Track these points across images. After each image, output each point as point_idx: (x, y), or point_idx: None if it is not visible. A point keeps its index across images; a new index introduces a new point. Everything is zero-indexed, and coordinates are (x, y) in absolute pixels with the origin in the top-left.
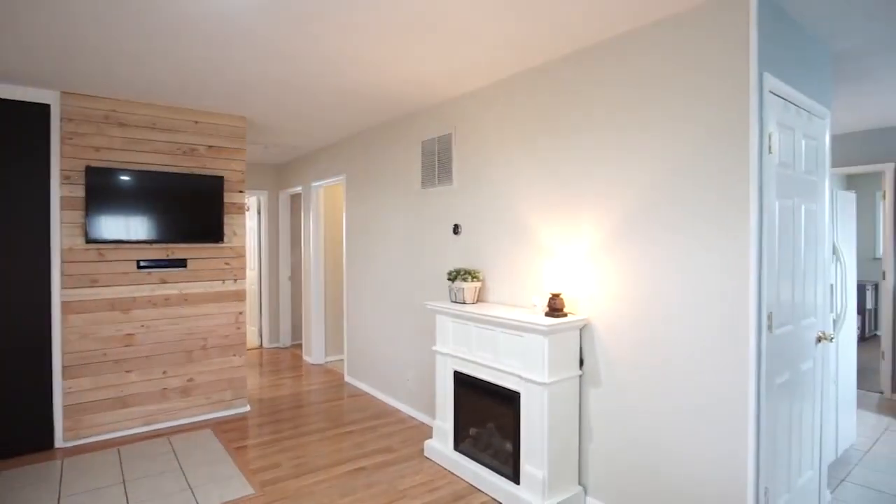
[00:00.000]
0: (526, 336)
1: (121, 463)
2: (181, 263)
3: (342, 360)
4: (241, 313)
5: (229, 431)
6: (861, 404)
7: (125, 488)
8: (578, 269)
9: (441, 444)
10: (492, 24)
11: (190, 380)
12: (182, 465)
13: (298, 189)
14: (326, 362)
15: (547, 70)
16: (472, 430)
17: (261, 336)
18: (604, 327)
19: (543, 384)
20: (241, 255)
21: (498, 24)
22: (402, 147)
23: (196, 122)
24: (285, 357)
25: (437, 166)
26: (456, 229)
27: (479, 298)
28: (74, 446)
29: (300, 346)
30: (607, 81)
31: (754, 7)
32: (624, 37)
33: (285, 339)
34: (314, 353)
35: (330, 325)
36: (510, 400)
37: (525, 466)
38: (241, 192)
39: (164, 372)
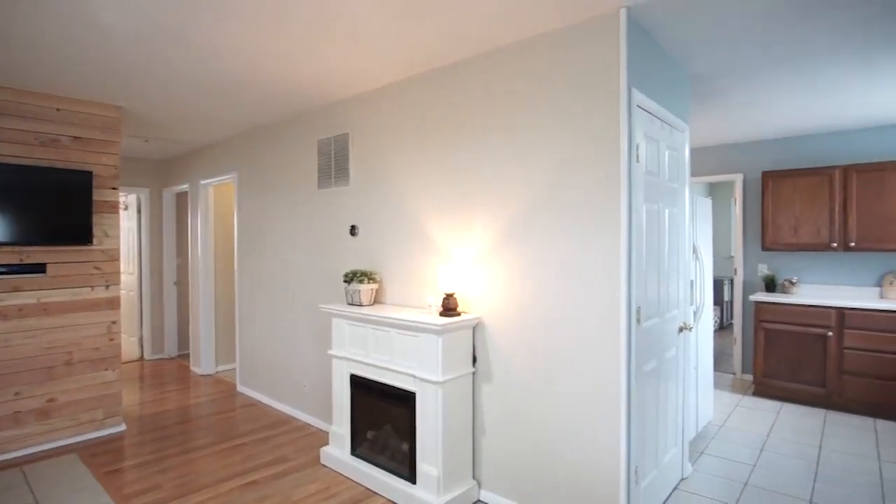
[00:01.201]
0: (421, 336)
1: None
2: (39, 269)
3: (234, 368)
4: (114, 323)
5: (100, 455)
6: (717, 385)
7: None
8: (472, 269)
9: (338, 449)
10: (389, 26)
11: (50, 400)
12: (38, 498)
13: (185, 187)
14: (217, 372)
15: (441, 74)
16: (370, 434)
17: (142, 347)
18: (495, 325)
19: (438, 383)
20: (114, 259)
21: (395, 26)
22: (297, 146)
23: (58, 110)
24: (171, 369)
25: (333, 166)
26: (353, 230)
27: (376, 300)
28: None
29: (188, 356)
30: (496, 90)
31: (623, 28)
32: (512, 47)
33: (171, 350)
34: (203, 362)
35: (221, 332)
36: (406, 400)
37: (421, 465)
38: (114, 188)
39: (17, 393)
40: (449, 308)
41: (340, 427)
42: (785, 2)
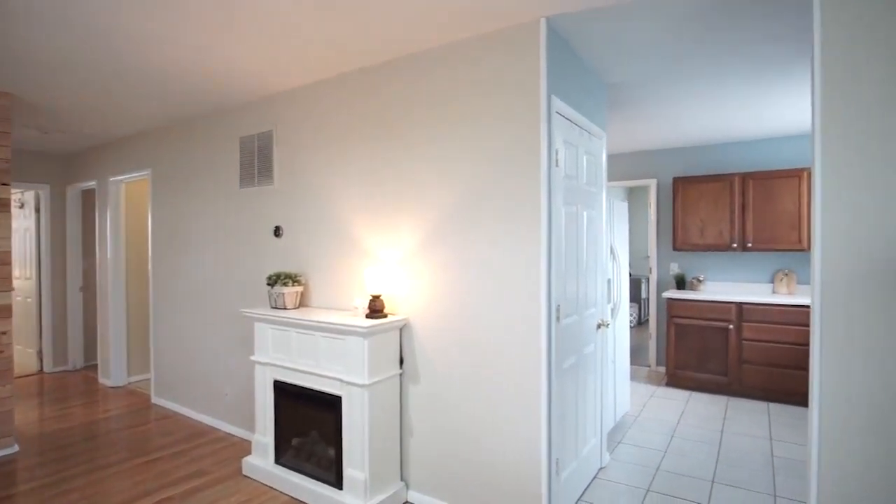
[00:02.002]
0: (346, 339)
1: None
2: None
3: (148, 379)
4: (4, 333)
5: None
6: (634, 377)
7: None
8: (398, 271)
9: (261, 459)
10: (312, 23)
11: None
12: None
13: (93, 184)
14: (129, 383)
15: (368, 74)
16: (295, 441)
17: (41, 359)
18: (422, 326)
19: (364, 386)
20: (5, 263)
21: (317, 23)
22: (218, 142)
23: None
24: (75, 381)
25: (256, 165)
26: (277, 232)
27: (301, 303)
28: None
29: (95, 367)
30: (422, 92)
31: (543, 37)
32: (438, 50)
33: (76, 361)
34: (113, 373)
35: (134, 340)
36: (332, 405)
37: (347, 470)
38: (5, 184)
39: None
40: (375, 310)
41: (264, 436)
42: (688, 22)
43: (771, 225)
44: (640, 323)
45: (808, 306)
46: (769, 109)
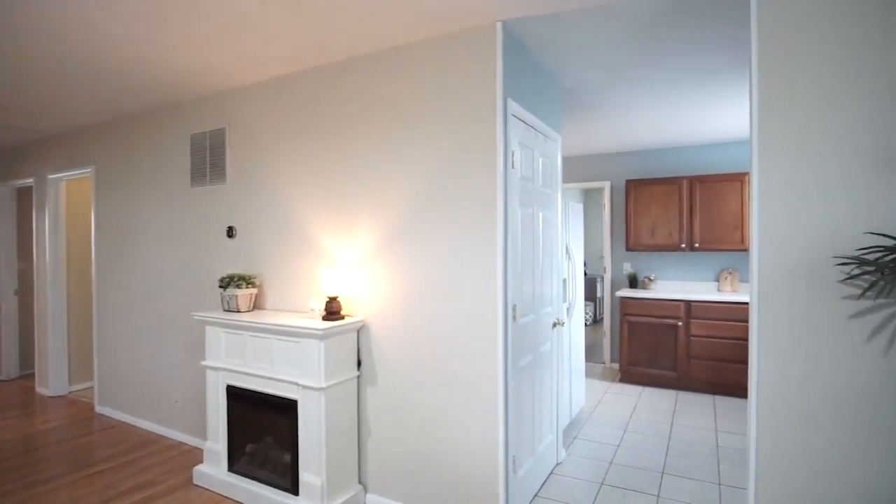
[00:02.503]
0: (302, 342)
1: None
2: None
3: (92, 387)
4: None
5: None
6: (590, 374)
7: None
8: (356, 272)
9: (213, 467)
10: (273, 18)
11: None
12: None
13: (29, 181)
14: (70, 392)
15: (326, 72)
16: (249, 447)
17: None
18: (380, 327)
19: (321, 389)
20: None
21: (278, 18)
22: (167, 139)
23: None
24: (10, 392)
25: (209, 163)
26: (230, 232)
27: (256, 305)
28: None
29: (32, 375)
30: (380, 91)
31: (499, 40)
32: (396, 50)
33: (10, 370)
34: (53, 382)
35: (75, 346)
36: (288, 409)
37: (304, 475)
38: None
39: None
40: (332, 312)
41: (216, 443)
42: (637, 31)
43: (716, 226)
44: (595, 321)
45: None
46: (714, 116)
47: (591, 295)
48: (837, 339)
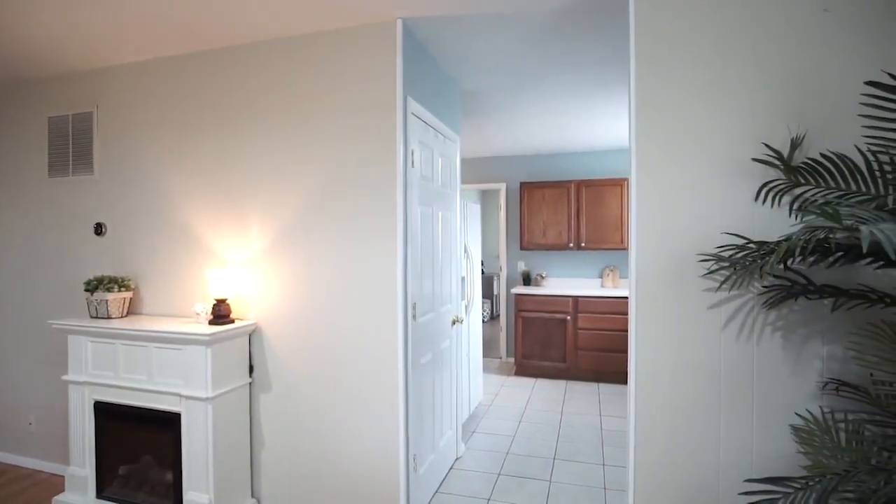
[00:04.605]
0: (186, 349)
1: None
2: None
3: None
4: None
5: None
6: (487, 369)
7: None
8: (247, 272)
9: (78, 495)
10: None
11: None
12: None
13: None
14: None
15: (218, 57)
16: (123, 469)
17: None
18: (274, 330)
19: (207, 399)
20: None
21: None
22: (17, 122)
23: None
24: None
25: (71, 151)
26: (99, 229)
27: (131, 311)
28: None
29: None
30: (278, 81)
31: (399, 37)
32: (297, 40)
33: None
34: None
35: None
36: (169, 423)
37: (189, 494)
38: None
39: None
40: (220, 315)
41: (82, 468)
42: (530, 41)
43: (600, 227)
44: (492, 317)
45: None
46: (599, 125)
47: (488, 292)
48: (699, 328)
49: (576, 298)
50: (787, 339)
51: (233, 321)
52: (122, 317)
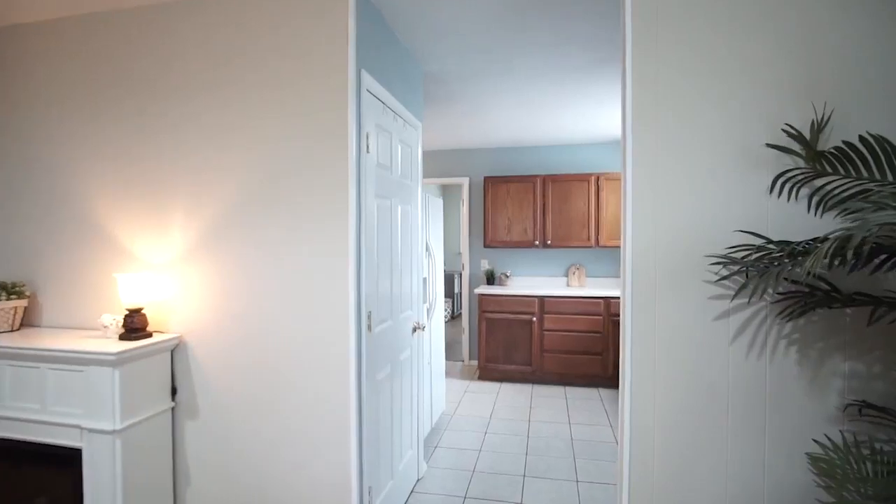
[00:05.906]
0: (88, 370)
1: None
2: None
3: None
4: None
5: None
6: (449, 373)
7: None
8: (169, 276)
9: None
10: None
11: None
12: None
13: None
14: None
15: (129, 19)
16: None
17: None
18: (202, 344)
19: (115, 431)
20: None
21: None
22: None
23: None
24: None
25: None
26: None
27: (26, 322)
28: None
29: None
30: (205, 48)
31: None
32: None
33: None
34: None
35: None
36: (68, 461)
37: None
38: None
39: None
40: (134, 328)
41: None
42: (503, 17)
43: (566, 224)
44: (453, 317)
45: (596, 297)
46: (567, 115)
47: (449, 291)
48: (704, 342)
49: (542, 298)
50: (802, 355)
51: (150, 335)
52: (12, 330)
